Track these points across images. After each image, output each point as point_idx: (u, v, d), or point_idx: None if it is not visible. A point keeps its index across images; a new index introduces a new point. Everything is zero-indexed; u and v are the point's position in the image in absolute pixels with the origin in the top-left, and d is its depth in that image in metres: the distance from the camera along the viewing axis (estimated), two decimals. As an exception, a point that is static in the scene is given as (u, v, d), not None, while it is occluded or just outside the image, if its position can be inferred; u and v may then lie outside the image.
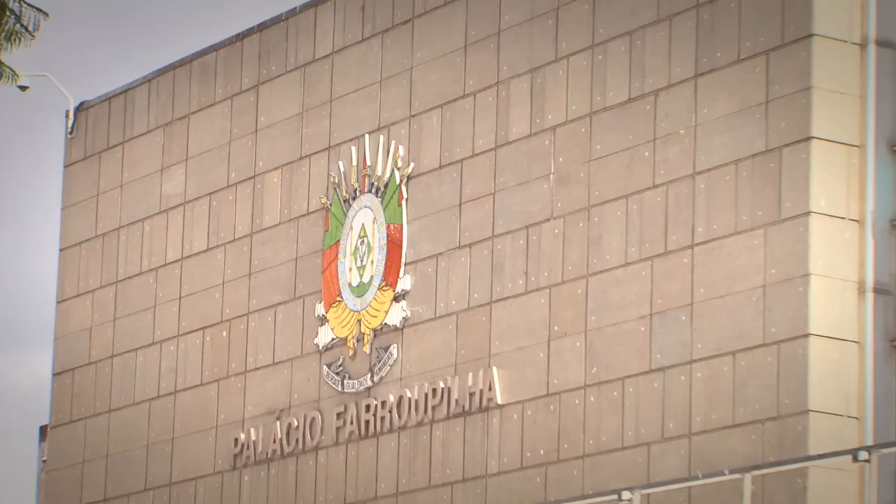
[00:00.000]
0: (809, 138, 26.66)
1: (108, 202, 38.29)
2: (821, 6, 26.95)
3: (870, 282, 26.69)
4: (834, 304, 26.45)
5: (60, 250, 39.34)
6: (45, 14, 20.43)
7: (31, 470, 43.88)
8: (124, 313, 37.40)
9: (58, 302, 39.25)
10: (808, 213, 26.52)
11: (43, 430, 40.77)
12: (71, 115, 39.49)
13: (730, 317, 27.15)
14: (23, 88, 35.08)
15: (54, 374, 39.16)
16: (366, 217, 33.06)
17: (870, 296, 26.67)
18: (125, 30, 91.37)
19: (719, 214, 27.57)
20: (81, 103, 39.36)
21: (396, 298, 32.17)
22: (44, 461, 40.55)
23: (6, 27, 19.49)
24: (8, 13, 18.73)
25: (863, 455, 23.22)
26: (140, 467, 36.30)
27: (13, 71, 20.20)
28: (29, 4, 19.40)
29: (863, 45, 27.15)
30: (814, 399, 26.04)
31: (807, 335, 26.21)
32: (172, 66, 37.54)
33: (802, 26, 26.93)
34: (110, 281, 37.87)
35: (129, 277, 37.50)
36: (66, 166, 39.57)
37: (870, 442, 25.55)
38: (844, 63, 27.04)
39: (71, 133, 39.43)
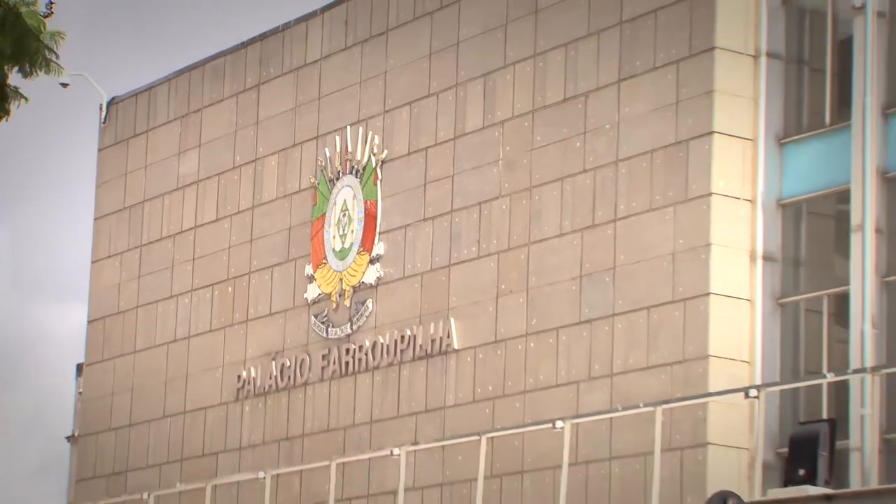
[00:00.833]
0: (711, 133, 26.86)
1: (134, 180, 38.16)
2: (722, 24, 27.05)
3: (760, 251, 26.92)
4: (730, 269, 26.67)
5: (95, 219, 39.14)
6: (61, 34, 20.42)
7: (70, 400, 43.95)
8: (147, 272, 37.20)
9: (92, 262, 39.07)
10: (709, 194, 26.71)
11: (79, 368, 40.80)
12: (104, 108, 39.29)
13: (645, 279, 27.32)
14: (64, 85, 34.87)
15: (89, 322, 38.99)
16: (347, 194, 33.08)
17: (759, 262, 26.90)
18: (149, 39, 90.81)
19: (637, 195, 27.70)
20: (112, 98, 39.21)
21: (372, 261, 32.19)
22: (80, 393, 40.55)
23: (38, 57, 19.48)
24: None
25: (753, 392, 23.49)
26: (159, 398, 36.21)
27: (59, 65, 20.23)
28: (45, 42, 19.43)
29: (756, 57, 27.29)
30: (713, 347, 26.26)
31: (708, 294, 26.45)
32: (188, 69, 37.45)
33: (706, 41, 27.06)
34: (135, 245, 37.71)
35: (151, 242, 37.35)
36: (99, 150, 39.32)
37: (758, 382, 25.80)
38: (740, 71, 27.17)
39: (104, 123, 39.25)
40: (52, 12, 18.80)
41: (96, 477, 37.24)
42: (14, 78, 21.08)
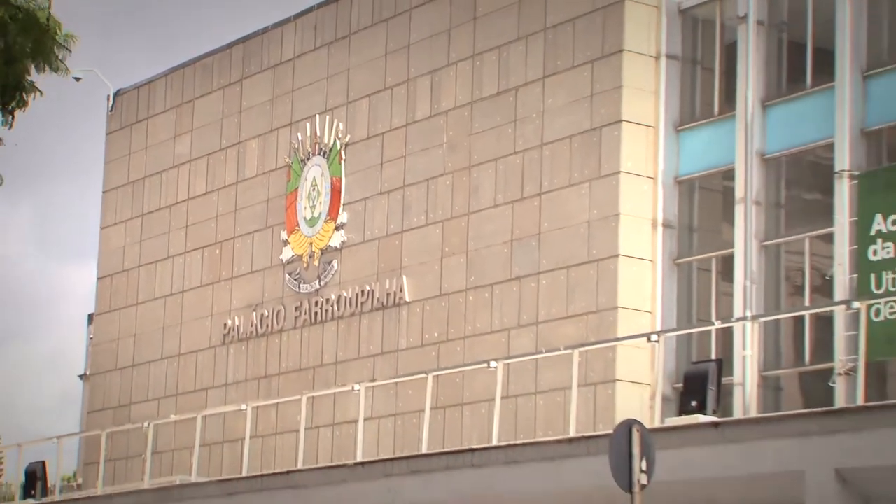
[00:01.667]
0: (620, 121, 27.03)
1: (136, 159, 37.96)
2: (629, 31, 27.11)
3: (660, 219, 27.10)
4: (635, 235, 26.87)
5: (103, 193, 38.88)
6: (74, 36, 20.17)
7: (82, 345, 43.90)
8: (147, 237, 36.99)
9: (101, 228, 38.80)
10: (618, 173, 26.89)
11: (90, 317, 40.67)
12: (111, 98, 38.99)
13: (565, 243, 27.44)
14: (77, 79, 34.65)
15: (98, 279, 38.78)
16: (316, 172, 33.01)
17: (659, 229, 27.10)
18: (149, 41, 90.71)
19: (559, 173, 27.82)
20: (118, 90, 38.96)
21: (337, 228, 32.16)
22: (91, 338, 40.46)
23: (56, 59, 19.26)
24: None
25: (654, 337, 23.69)
26: (157, 343, 36.18)
27: (67, 66, 19.97)
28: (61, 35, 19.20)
29: (657, 58, 27.43)
30: (621, 300, 26.49)
31: (617, 256, 26.64)
32: (182, 66, 37.31)
33: (616, 44, 27.24)
34: (138, 214, 37.48)
35: (151, 212, 37.16)
36: (107, 134, 39.01)
37: (658, 329, 26.08)
38: (644, 70, 27.32)
39: (111, 111, 38.98)
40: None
41: (105, 409, 37.23)
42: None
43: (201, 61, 36.80)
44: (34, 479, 27.71)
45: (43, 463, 28.32)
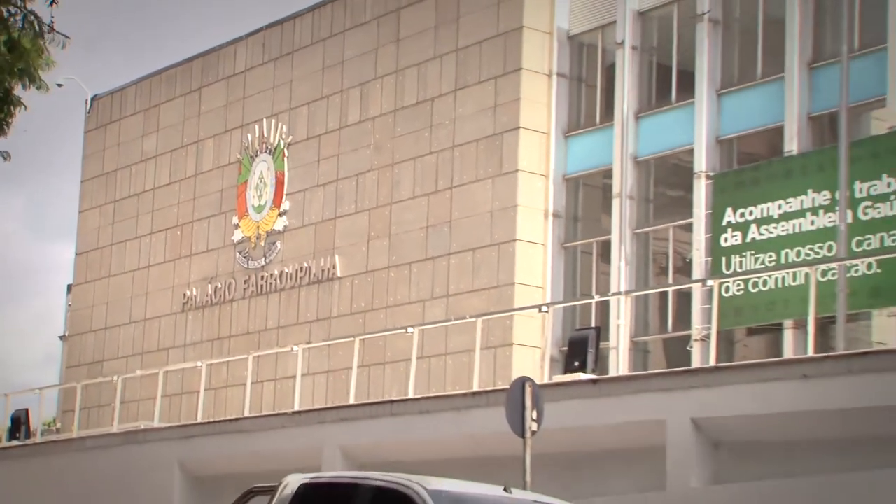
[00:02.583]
0: (518, 128, 27.22)
1: (110, 154, 37.55)
2: (526, 53, 27.29)
3: (550, 210, 27.31)
4: (530, 223, 27.03)
5: (81, 182, 38.47)
6: (68, 37, 19.60)
7: (62, 310, 43.47)
8: (119, 220, 36.69)
9: (79, 212, 38.51)
10: (516, 171, 27.09)
11: (69, 287, 40.30)
12: (88, 102, 38.64)
13: (472, 230, 27.57)
14: (59, 85, 34.29)
15: (76, 254, 38.42)
16: (263, 167, 32.85)
17: (550, 219, 27.29)
18: (123, 54, 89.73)
19: (467, 170, 27.91)
20: (95, 95, 38.52)
21: (280, 214, 32.05)
22: (69, 305, 40.13)
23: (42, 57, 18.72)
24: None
25: (544, 308, 23.88)
26: (126, 309, 35.97)
27: (47, 85, 19.43)
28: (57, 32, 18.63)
29: (549, 75, 27.55)
30: (518, 277, 26.70)
31: (514, 240, 26.82)
32: (150, 75, 37.02)
33: (515, 64, 27.28)
34: (110, 200, 37.16)
35: (122, 199, 36.85)
36: (85, 132, 38.61)
37: (548, 301, 26.23)
38: (538, 85, 27.51)
39: (88, 113, 38.55)
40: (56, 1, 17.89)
41: (80, 365, 36.93)
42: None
43: (166, 72, 36.55)
44: (19, 423, 27.47)
45: (26, 410, 28.07)
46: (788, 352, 22.85)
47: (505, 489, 9.73)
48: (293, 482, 10.23)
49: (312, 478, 10.42)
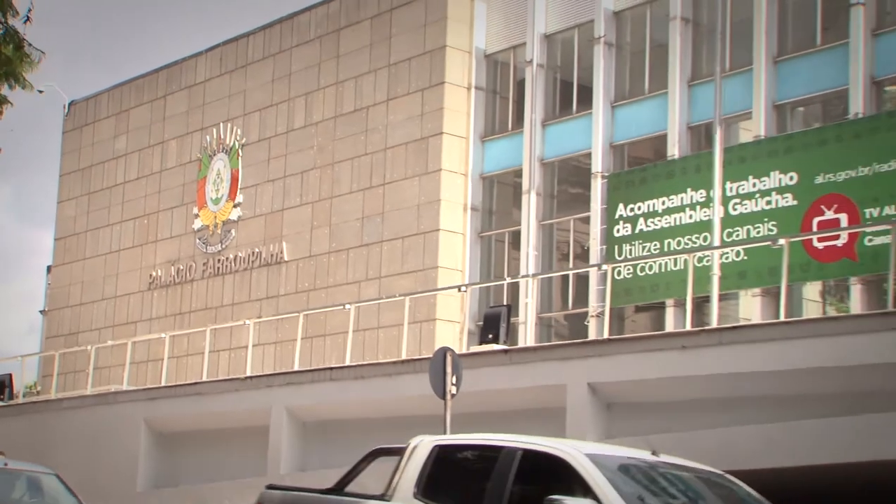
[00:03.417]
0: (442, 133, 27.24)
1: (85, 152, 37.09)
2: (449, 68, 27.29)
3: (469, 204, 27.32)
4: (451, 216, 27.05)
5: (60, 175, 37.97)
6: (43, 52, 19.24)
7: (42, 288, 42.84)
8: (93, 209, 36.31)
9: (58, 202, 38.12)
10: (440, 170, 27.09)
11: (49, 268, 39.75)
12: (66, 106, 38.24)
13: (401, 220, 27.53)
14: (40, 92, 33.82)
15: (56, 240, 37.98)
16: (220, 164, 32.54)
17: (469, 212, 27.32)
18: (97, 64, 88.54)
19: (397, 169, 27.85)
20: (72, 100, 38.11)
21: (235, 206, 31.77)
22: (49, 284, 39.58)
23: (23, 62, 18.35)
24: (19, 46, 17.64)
25: (463, 289, 23.99)
26: (99, 287, 35.54)
27: (31, 84, 19.09)
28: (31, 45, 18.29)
29: (469, 88, 27.65)
30: (440, 261, 26.71)
31: (438, 230, 26.85)
32: (121, 84, 36.49)
33: (440, 77, 27.24)
34: (86, 192, 36.73)
35: (96, 191, 36.45)
36: (63, 132, 38.19)
37: (466, 282, 26.31)
38: (459, 96, 27.50)
39: (67, 115, 38.16)
40: (30, 19, 17.56)
41: (58, 336, 36.49)
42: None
43: (135, 81, 36.13)
44: (3, 386, 26.99)
45: (10, 375, 27.63)
46: (669, 326, 23.09)
47: (653, 453, 8.49)
48: (425, 444, 8.87)
49: (446, 440, 9.16)
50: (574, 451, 7.94)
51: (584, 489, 7.55)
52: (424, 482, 8.54)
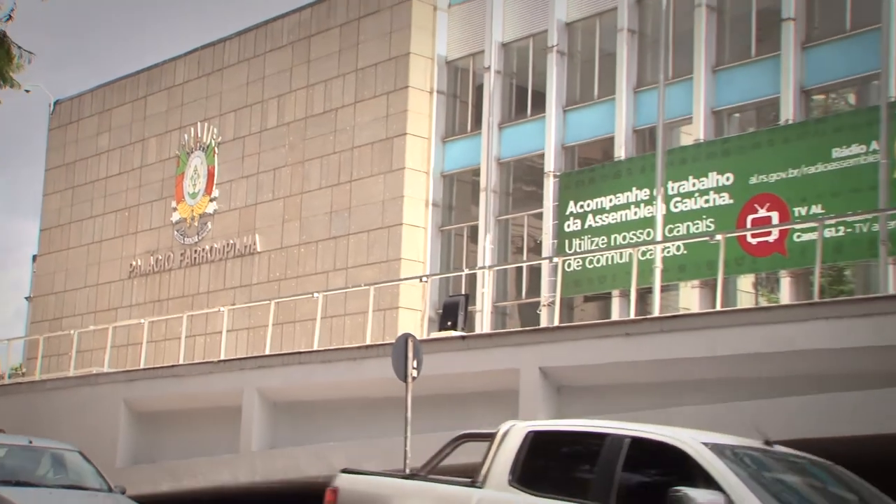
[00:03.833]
0: (406, 134, 27.11)
1: (70, 148, 36.67)
2: (412, 74, 27.19)
3: (430, 200, 27.25)
4: (414, 211, 26.94)
5: (46, 170, 37.57)
6: (32, 53, 19.05)
7: (28, 276, 42.39)
8: (77, 202, 35.98)
9: (44, 195, 37.75)
10: (403, 169, 26.99)
11: (35, 257, 39.34)
12: (52, 105, 37.84)
13: (367, 215, 27.40)
14: (27, 91, 33.46)
15: (41, 230, 37.61)
16: (198, 161, 32.28)
17: (430, 207, 27.24)
18: (81, 65, 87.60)
19: (364, 167, 27.71)
20: (58, 99, 37.70)
21: (211, 200, 31.53)
22: (34, 272, 39.12)
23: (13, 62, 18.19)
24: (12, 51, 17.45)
25: (424, 279, 24.18)
26: (82, 275, 35.14)
27: (18, 83, 18.95)
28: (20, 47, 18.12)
29: (431, 92, 27.54)
30: (403, 253, 26.59)
31: (401, 224, 26.73)
32: (104, 84, 36.07)
33: (404, 82, 27.13)
34: (70, 186, 36.36)
35: (80, 185, 36.08)
36: (49, 130, 37.79)
37: (427, 273, 26.33)
38: (422, 100, 27.38)
39: (52, 114, 37.72)
40: (12, 17, 17.33)
41: (43, 321, 36.13)
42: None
43: (118, 82, 35.72)
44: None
45: (-3, 357, 27.41)
46: (615, 314, 23.18)
47: (766, 443, 7.68)
48: (518, 430, 8.06)
49: (541, 426, 8.27)
50: (690, 439, 7.18)
51: (705, 480, 6.82)
52: (520, 470, 7.77)
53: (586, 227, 24.05)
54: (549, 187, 25.27)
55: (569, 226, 24.40)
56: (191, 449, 20.27)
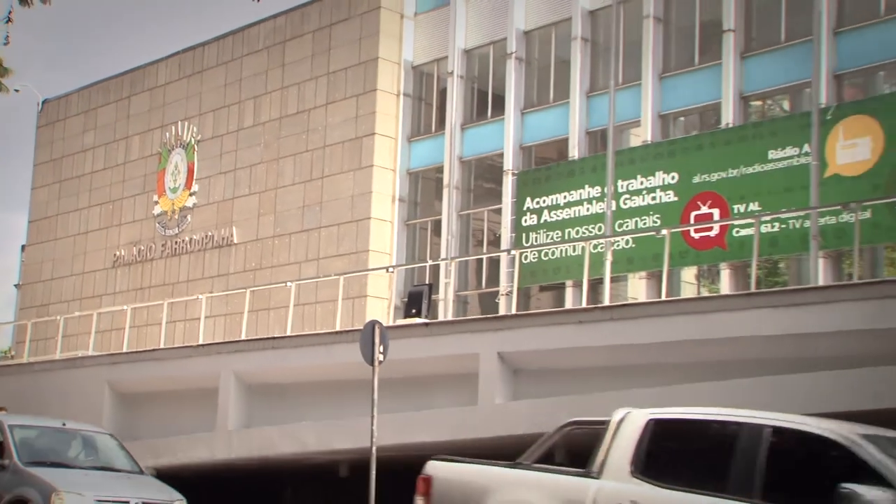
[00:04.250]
0: (374, 134, 27.01)
1: (57, 145, 36.20)
2: (381, 77, 27.13)
3: (397, 196, 27.19)
4: (381, 206, 26.86)
5: (34, 165, 37.07)
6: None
7: (17, 265, 41.86)
8: (64, 196, 35.53)
9: (32, 189, 37.26)
10: (372, 166, 26.90)
11: (23, 247, 38.85)
12: (40, 104, 37.34)
13: (337, 210, 27.27)
14: (17, 91, 32.99)
15: (29, 222, 37.04)
16: (178, 158, 31.97)
17: (396, 202, 27.18)
18: (67, 66, 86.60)
19: (335, 165, 27.56)
20: (46, 99, 37.22)
21: (190, 194, 31.24)
22: (23, 261, 38.65)
23: None
24: None
25: (391, 270, 24.09)
26: (69, 265, 34.70)
27: (7, 87, 18.51)
28: None
29: (398, 95, 27.46)
30: (371, 245, 26.51)
31: (369, 218, 26.64)
32: (90, 85, 35.62)
33: (372, 85, 27.05)
34: (57, 181, 35.94)
35: (66, 179, 35.63)
36: (37, 127, 37.32)
37: (394, 263, 26.27)
38: (389, 102, 27.30)
39: (40, 112, 37.23)
40: (11, 19, 16.87)
41: (31, 307, 35.69)
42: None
43: (103, 83, 35.29)
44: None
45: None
46: (568, 303, 23.23)
47: None
48: (636, 418, 7.21)
49: (662, 413, 7.32)
50: (846, 431, 6.36)
51: (868, 475, 6.01)
52: (643, 460, 6.91)
53: (542, 221, 24.10)
54: (508, 185, 25.30)
55: (526, 220, 24.44)
56: (170, 428, 20.12)
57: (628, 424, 7.20)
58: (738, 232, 20.56)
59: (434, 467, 8.03)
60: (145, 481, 12.57)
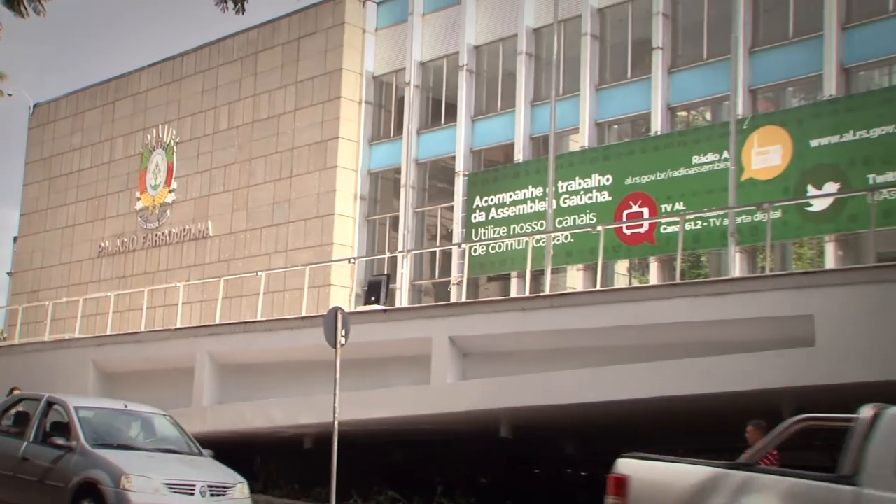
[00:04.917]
0: (338, 137, 26.81)
1: (47, 145, 35.58)
2: (344, 86, 26.97)
3: (359, 194, 27.06)
4: (344, 202, 26.67)
5: (26, 163, 36.46)
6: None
7: (9, 255, 41.06)
8: (53, 191, 34.95)
9: (24, 185, 36.62)
10: (336, 167, 26.73)
11: (15, 238, 38.10)
12: (31, 107, 36.72)
13: (304, 206, 27.03)
14: (10, 95, 32.31)
15: (21, 215, 36.45)
16: (159, 157, 31.48)
17: (358, 200, 27.04)
18: (57, 72, 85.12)
19: (302, 165, 27.32)
20: (37, 103, 36.62)
21: (170, 191, 30.82)
22: (15, 251, 37.92)
23: None
24: None
25: (352, 261, 23.94)
26: (57, 254, 34.09)
27: (2, 92, 18.17)
28: None
29: (360, 102, 27.31)
30: (335, 238, 26.29)
31: (333, 214, 26.46)
32: (77, 91, 35.02)
33: (337, 93, 26.93)
34: (47, 178, 35.34)
35: (56, 177, 35.07)
36: (29, 129, 36.63)
37: (355, 255, 25.99)
38: (353, 108, 27.16)
39: (31, 115, 36.59)
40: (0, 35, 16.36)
41: (22, 293, 35.07)
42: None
43: (90, 89, 34.71)
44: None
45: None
46: (513, 292, 23.27)
47: None
48: (893, 417, 5.57)
49: None
50: None
51: None
52: None
53: (490, 218, 24.11)
54: (459, 185, 25.26)
55: (475, 217, 24.43)
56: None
57: (886, 423, 5.63)
58: (665, 229, 20.74)
59: (628, 466, 6.39)
60: (207, 463, 11.55)
